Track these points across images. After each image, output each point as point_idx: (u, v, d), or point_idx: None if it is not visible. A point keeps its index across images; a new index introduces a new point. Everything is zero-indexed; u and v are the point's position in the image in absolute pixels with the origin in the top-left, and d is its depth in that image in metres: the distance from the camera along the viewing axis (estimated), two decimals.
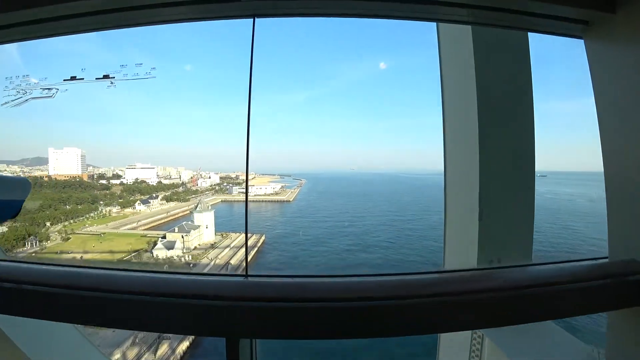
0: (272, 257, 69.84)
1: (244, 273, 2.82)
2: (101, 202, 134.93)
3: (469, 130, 3.25)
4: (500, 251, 2.99)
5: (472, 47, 2.87)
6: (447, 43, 3.39)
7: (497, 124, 3.05)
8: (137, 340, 35.51)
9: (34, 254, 65.75)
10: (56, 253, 65.88)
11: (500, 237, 3.09)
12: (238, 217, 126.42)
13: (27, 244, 70.28)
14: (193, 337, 38.17)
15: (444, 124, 3.33)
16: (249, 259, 66.03)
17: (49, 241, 75.50)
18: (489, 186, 3.04)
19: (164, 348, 35.44)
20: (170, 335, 37.26)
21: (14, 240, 68.92)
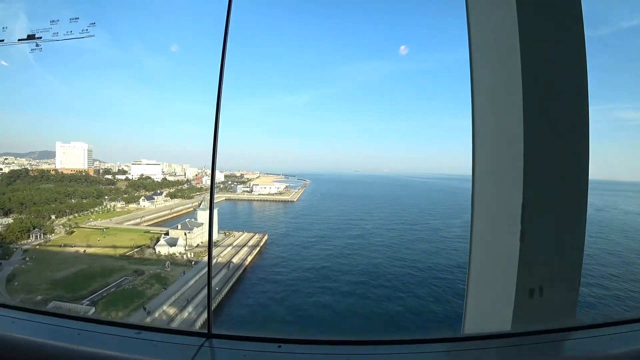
0: (272, 261, 69.58)
1: (205, 331, 2.22)
2: (106, 197, 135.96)
3: (509, 129, 2.65)
4: (543, 280, 2.43)
5: (516, 12, 2.27)
6: (480, 11, 2.74)
7: (548, 121, 2.46)
8: None
9: (37, 246, 66.16)
10: (60, 246, 66.22)
11: (544, 263, 2.49)
12: (242, 215, 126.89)
13: (32, 236, 70.82)
14: None
15: (473, 119, 2.75)
16: (251, 257, 66.06)
17: (53, 234, 76.03)
18: (534, 199, 2.43)
19: None
20: None
21: (19, 232, 69.52)
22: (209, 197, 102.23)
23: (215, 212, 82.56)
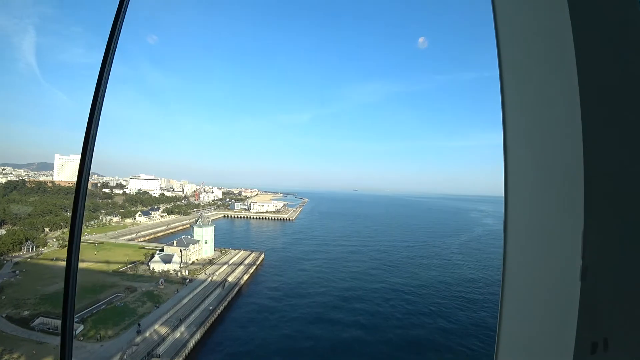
0: (268, 281, 68.32)
1: None
2: (102, 211, 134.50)
3: (559, 129, 1.97)
4: (610, 330, 1.74)
5: None
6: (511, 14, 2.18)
7: (616, 120, 1.84)
8: (125, 357, 33.98)
9: (29, 259, 64.68)
10: (52, 259, 64.72)
11: (611, 308, 1.77)
12: (239, 233, 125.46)
13: (24, 248, 69.33)
14: (183, 356, 36.61)
15: (504, 114, 2.14)
16: (247, 277, 64.61)
17: (45, 247, 74.51)
18: (599, 227, 1.66)
19: None
20: (160, 352, 35.73)
21: (11, 244, 68.08)
22: (206, 214, 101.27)
23: (212, 229, 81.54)
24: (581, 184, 1.79)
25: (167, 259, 64.87)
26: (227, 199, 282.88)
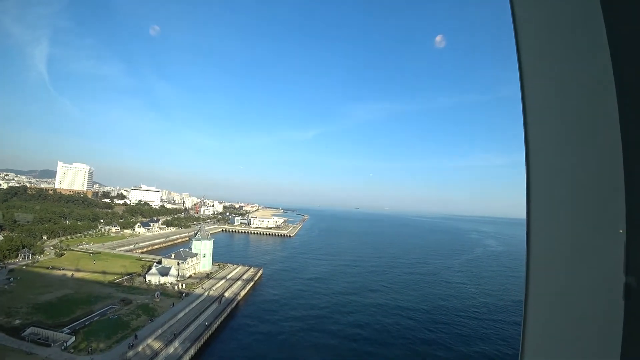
0: (266, 298, 67.13)
1: None
2: (102, 221, 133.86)
3: (593, 129, 1.60)
4: None
5: None
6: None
7: None
8: None
9: (24, 267, 63.78)
10: (47, 268, 63.75)
11: None
12: (238, 248, 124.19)
13: (20, 255, 68.48)
14: None
15: (525, 118, 1.78)
16: (244, 292, 63.33)
17: (42, 255, 73.60)
18: None
19: None
20: None
21: (7, 250, 67.31)
22: (205, 227, 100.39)
23: (211, 243, 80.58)
24: (622, 189, 1.50)
25: (164, 272, 63.81)
26: (228, 213, 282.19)
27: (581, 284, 1.58)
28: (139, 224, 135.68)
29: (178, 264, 67.99)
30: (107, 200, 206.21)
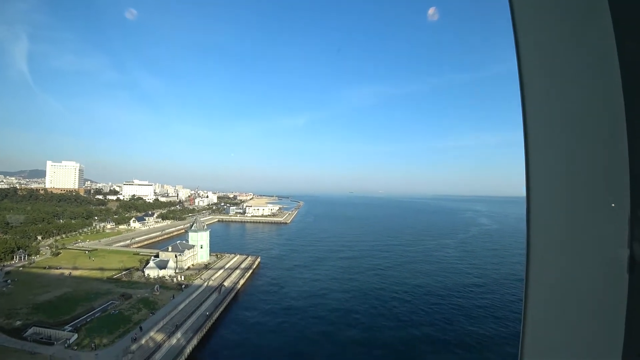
0: (265, 285, 67.99)
1: None
2: (96, 218, 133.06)
3: (595, 101, 1.39)
4: None
5: None
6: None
7: None
8: None
9: (21, 268, 63.68)
10: (44, 268, 63.75)
11: None
12: (234, 238, 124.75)
13: (16, 257, 68.24)
14: None
15: (524, 110, 1.64)
16: (243, 281, 64.13)
17: (38, 255, 73.42)
18: None
19: None
20: (157, 359, 35.28)
21: (2, 252, 67.00)
22: (201, 219, 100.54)
23: (207, 234, 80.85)
24: (627, 185, 1.51)
25: (162, 265, 64.21)
26: (222, 203, 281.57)
27: (583, 282, 1.60)
28: (133, 218, 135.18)
29: (176, 256, 68.35)
30: (100, 197, 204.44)
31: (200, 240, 77.86)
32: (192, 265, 72.63)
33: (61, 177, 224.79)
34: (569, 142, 1.76)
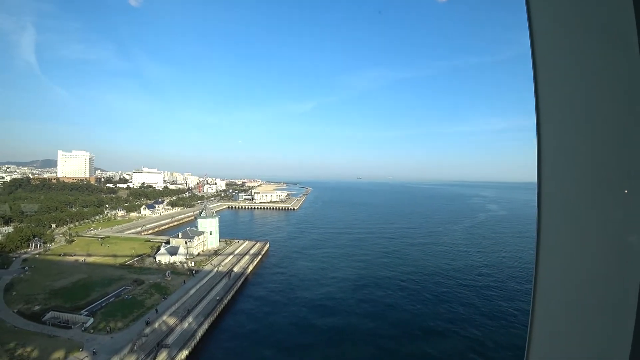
0: (274, 270, 68.77)
1: None
2: (107, 206, 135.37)
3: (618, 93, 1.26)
4: None
5: None
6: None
7: None
8: (135, 348, 34.56)
9: (37, 255, 65.47)
10: (59, 255, 65.53)
11: None
12: (243, 224, 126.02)
13: (32, 245, 70.17)
14: (192, 345, 37.18)
15: (537, 98, 1.48)
16: (252, 266, 65.10)
17: (53, 243, 75.36)
18: None
19: (162, 356, 34.43)
20: (170, 343, 36.31)
21: (19, 241, 68.88)
22: (210, 206, 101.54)
23: (216, 220, 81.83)
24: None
25: (173, 251, 65.45)
26: (231, 190, 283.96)
27: (593, 281, 1.53)
28: (144, 206, 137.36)
29: (186, 242, 69.49)
30: (111, 185, 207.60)
31: (209, 226, 78.87)
32: (202, 251, 73.84)
33: (72, 166, 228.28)
34: (583, 135, 1.69)
